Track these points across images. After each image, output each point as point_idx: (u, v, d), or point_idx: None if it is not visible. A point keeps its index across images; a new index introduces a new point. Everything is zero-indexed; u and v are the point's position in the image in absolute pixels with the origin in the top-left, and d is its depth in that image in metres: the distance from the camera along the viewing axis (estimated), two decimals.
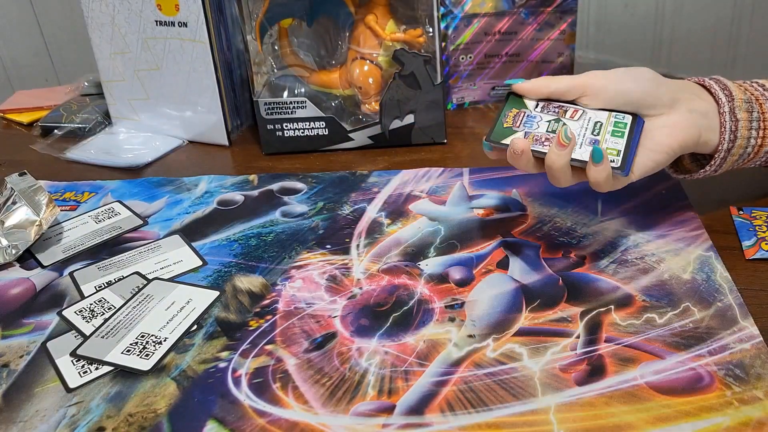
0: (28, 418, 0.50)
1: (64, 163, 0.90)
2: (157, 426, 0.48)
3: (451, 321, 0.56)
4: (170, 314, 0.58)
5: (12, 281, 0.66)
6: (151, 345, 0.55)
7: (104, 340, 0.56)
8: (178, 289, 0.62)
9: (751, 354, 0.50)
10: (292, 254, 0.66)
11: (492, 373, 0.51)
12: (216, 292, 0.61)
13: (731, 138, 0.59)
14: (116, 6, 0.86)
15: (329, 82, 0.86)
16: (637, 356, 0.51)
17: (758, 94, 0.60)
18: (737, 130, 0.59)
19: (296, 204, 0.75)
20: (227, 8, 0.87)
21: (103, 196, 0.80)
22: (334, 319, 0.57)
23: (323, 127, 0.85)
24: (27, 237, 0.68)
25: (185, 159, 0.89)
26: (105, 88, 0.95)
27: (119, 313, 0.59)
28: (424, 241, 0.67)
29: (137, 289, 0.62)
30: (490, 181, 0.76)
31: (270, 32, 0.85)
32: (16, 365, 0.55)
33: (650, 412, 0.46)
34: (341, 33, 0.84)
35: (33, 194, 0.70)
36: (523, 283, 0.60)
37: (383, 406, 0.49)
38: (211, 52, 0.84)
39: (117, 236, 0.72)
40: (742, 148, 0.60)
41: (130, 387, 0.52)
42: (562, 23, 0.90)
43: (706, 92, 0.61)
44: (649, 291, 0.57)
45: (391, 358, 0.53)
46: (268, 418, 0.48)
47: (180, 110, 0.91)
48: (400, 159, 0.84)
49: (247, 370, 0.53)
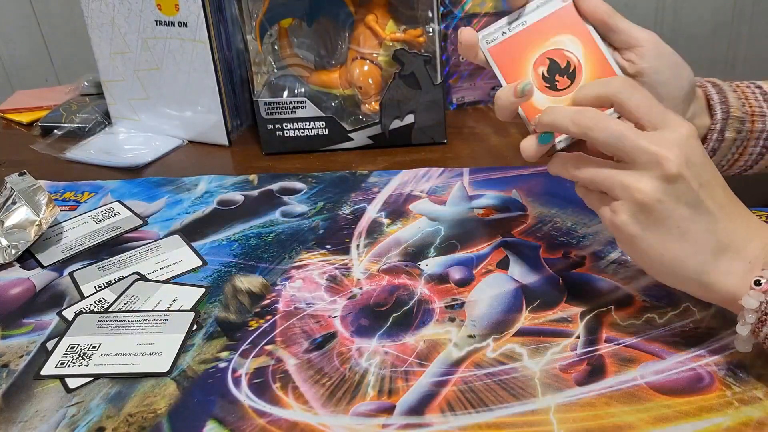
0: (28, 418, 0.50)
1: (64, 163, 0.90)
2: (157, 426, 0.48)
3: (451, 321, 0.56)
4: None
5: (12, 281, 0.66)
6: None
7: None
8: (163, 289, 0.62)
9: (751, 354, 0.50)
10: (292, 254, 0.66)
11: (492, 374, 0.51)
12: (202, 289, 0.61)
13: (709, 155, 0.57)
14: (116, 6, 0.86)
15: (329, 82, 0.86)
16: (637, 356, 0.51)
17: (755, 108, 0.58)
18: (718, 149, 0.58)
19: (296, 204, 0.75)
20: (227, 8, 0.87)
21: (103, 196, 0.80)
22: (334, 319, 0.57)
23: (323, 127, 0.85)
24: (27, 237, 0.68)
25: (185, 159, 0.89)
26: (105, 88, 0.95)
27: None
28: (424, 241, 0.67)
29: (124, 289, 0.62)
30: (490, 181, 0.76)
31: (270, 32, 0.85)
32: (16, 365, 0.55)
33: (650, 412, 0.46)
34: (341, 33, 0.84)
35: (33, 194, 0.70)
36: (523, 283, 0.60)
37: (383, 407, 0.49)
38: (211, 52, 0.84)
39: (117, 236, 0.72)
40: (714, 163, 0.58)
41: (130, 387, 0.52)
42: None
43: (705, 101, 0.59)
44: (650, 291, 0.57)
45: (391, 358, 0.53)
46: (268, 419, 0.48)
47: (180, 110, 0.91)
48: (400, 159, 0.84)
49: (247, 370, 0.53)
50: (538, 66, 0.53)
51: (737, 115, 0.58)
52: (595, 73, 0.53)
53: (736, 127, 0.58)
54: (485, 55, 0.54)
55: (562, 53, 0.53)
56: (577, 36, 0.53)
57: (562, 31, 0.53)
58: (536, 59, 0.53)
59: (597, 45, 0.53)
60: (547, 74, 0.53)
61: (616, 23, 0.53)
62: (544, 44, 0.53)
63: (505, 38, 0.54)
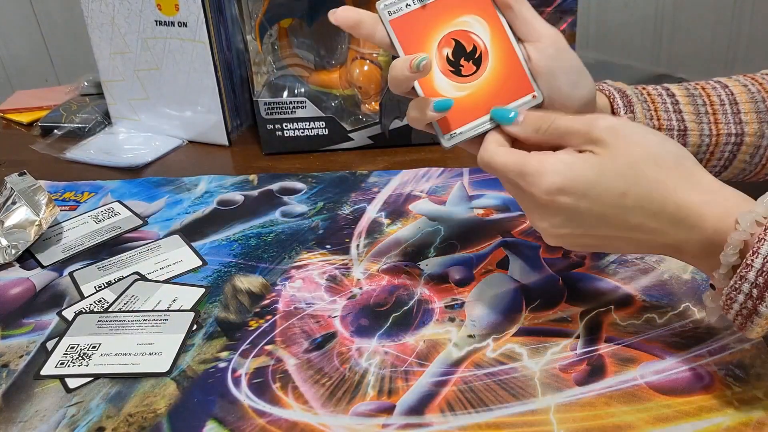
0: (28, 418, 0.50)
1: (64, 163, 0.90)
2: (157, 426, 0.48)
3: (451, 321, 0.56)
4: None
5: (12, 281, 0.66)
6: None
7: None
8: (163, 289, 0.62)
9: (751, 354, 0.50)
10: (292, 254, 0.66)
11: (492, 373, 0.51)
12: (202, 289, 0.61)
13: None
14: (116, 6, 0.86)
15: (329, 82, 0.86)
16: (637, 356, 0.51)
17: (663, 121, 0.55)
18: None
19: (296, 204, 0.75)
20: (227, 8, 0.87)
21: (103, 196, 0.80)
22: (334, 319, 0.57)
23: (323, 127, 0.85)
24: (27, 237, 0.68)
25: (185, 159, 0.89)
26: (105, 88, 0.95)
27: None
28: (424, 241, 0.67)
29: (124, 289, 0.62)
30: (490, 181, 0.76)
31: (270, 32, 0.85)
32: (16, 365, 0.55)
33: (650, 412, 0.46)
34: (341, 33, 0.84)
35: (33, 194, 0.70)
36: (523, 283, 0.60)
37: (383, 406, 0.49)
38: (211, 52, 0.84)
39: (117, 236, 0.72)
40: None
41: (130, 387, 0.52)
42: (562, 23, 0.90)
43: (610, 113, 0.55)
44: (649, 291, 0.57)
45: (391, 358, 0.53)
46: (268, 418, 0.48)
47: (180, 110, 0.91)
48: (400, 159, 0.84)
49: (247, 370, 0.53)
50: (443, 47, 0.50)
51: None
52: (501, 62, 0.50)
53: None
54: (385, 26, 0.49)
55: (469, 36, 0.50)
56: (485, 18, 0.50)
57: (470, 11, 0.50)
58: (441, 39, 0.50)
59: (504, 31, 0.50)
60: (452, 57, 0.50)
61: (520, 10, 0.50)
62: (450, 23, 0.50)
63: (409, 11, 0.49)
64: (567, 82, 0.49)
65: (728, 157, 0.57)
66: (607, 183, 0.43)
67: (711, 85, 0.57)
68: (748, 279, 0.41)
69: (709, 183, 0.44)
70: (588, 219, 0.44)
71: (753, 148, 0.56)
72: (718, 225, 0.42)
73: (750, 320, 0.42)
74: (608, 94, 0.56)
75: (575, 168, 0.44)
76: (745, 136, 0.56)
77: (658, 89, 0.57)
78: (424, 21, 0.49)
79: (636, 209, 0.43)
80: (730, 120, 0.55)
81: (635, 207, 0.43)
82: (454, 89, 0.50)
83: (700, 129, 0.55)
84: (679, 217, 0.43)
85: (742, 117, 0.56)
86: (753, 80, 0.58)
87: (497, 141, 0.48)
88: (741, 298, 0.41)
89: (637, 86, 0.57)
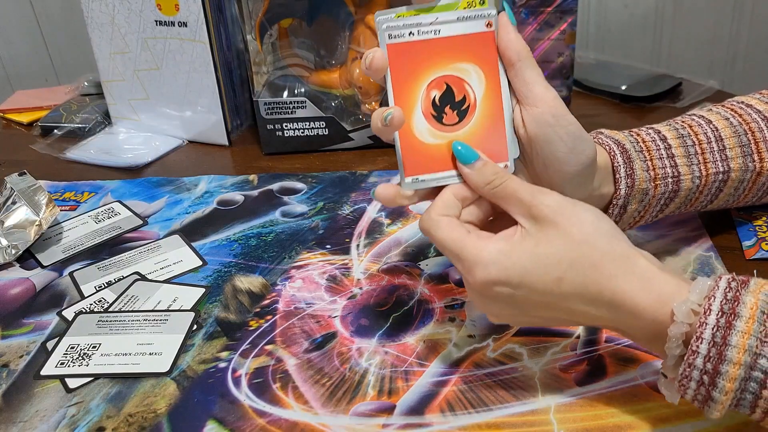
0: (28, 418, 0.50)
1: (64, 163, 0.90)
2: (157, 426, 0.48)
3: (451, 321, 0.56)
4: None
5: (12, 281, 0.66)
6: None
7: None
8: (163, 289, 0.62)
9: None
10: (292, 254, 0.66)
11: (492, 373, 0.51)
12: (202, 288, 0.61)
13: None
14: (116, 6, 0.86)
15: (329, 82, 0.86)
16: (637, 356, 0.51)
17: (659, 170, 0.54)
18: (620, 220, 0.55)
19: (296, 204, 0.75)
20: (227, 8, 0.87)
21: (103, 196, 0.80)
22: (334, 319, 0.57)
23: (323, 127, 0.85)
24: (27, 237, 0.68)
25: (185, 159, 0.89)
26: (105, 87, 0.95)
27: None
28: (424, 241, 0.67)
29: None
30: None
31: (270, 32, 0.85)
32: (16, 365, 0.55)
33: (650, 412, 0.46)
34: (341, 33, 0.84)
35: (33, 194, 0.70)
36: None
37: (383, 406, 0.49)
38: (211, 52, 0.84)
39: (117, 236, 0.72)
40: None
41: (130, 387, 0.52)
42: (562, 23, 0.90)
43: (611, 168, 0.54)
44: None
45: (391, 358, 0.53)
46: (268, 418, 0.48)
47: (180, 110, 0.91)
48: None
49: (247, 370, 0.53)
50: (433, 88, 0.47)
51: (642, 187, 0.54)
52: (486, 121, 0.48)
53: (639, 198, 0.54)
54: (380, 44, 0.47)
55: (463, 84, 0.48)
56: (485, 71, 0.48)
57: (471, 60, 0.47)
58: (434, 79, 0.47)
59: (500, 90, 0.48)
60: (438, 102, 0.48)
61: (523, 70, 0.47)
62: (447, 66, 0.47)
63: (410, 41, 0.47)
64: (563, 149, 0.47)
65: (714, 192, 0.57)
66: (544, 269, 0.43)
67: (696, 122, 0.57)
68: (696, 366, 0.39)
69: (643, 269, 0.43)
70: (526, 305, 0.44)
71: (737, 182, 0.57)
72: (655, 315, 0.41)
73: (707, 405, 0.40)
74: (609, 150, 0.54)
75: (512, 256, 0.43)
76: (731, 172, 0.56)
77: (651, 134, 0.56)
78: (421, 56, 0.47)
79: (573, 296, 0.43)
80: (717, 158, 0.56)
81: (572, 294, 0.43)
82: (430, 135, 0.48)
83: (691, 172, 0.55)
84: (616, 305, 0.42)
85: (727, 153, 0.56)
86: (732, 112, 0.58)
87: (445, 205, 0.47)
88: (693, 385, 0.40)
89: (632, 132, 0.57)
